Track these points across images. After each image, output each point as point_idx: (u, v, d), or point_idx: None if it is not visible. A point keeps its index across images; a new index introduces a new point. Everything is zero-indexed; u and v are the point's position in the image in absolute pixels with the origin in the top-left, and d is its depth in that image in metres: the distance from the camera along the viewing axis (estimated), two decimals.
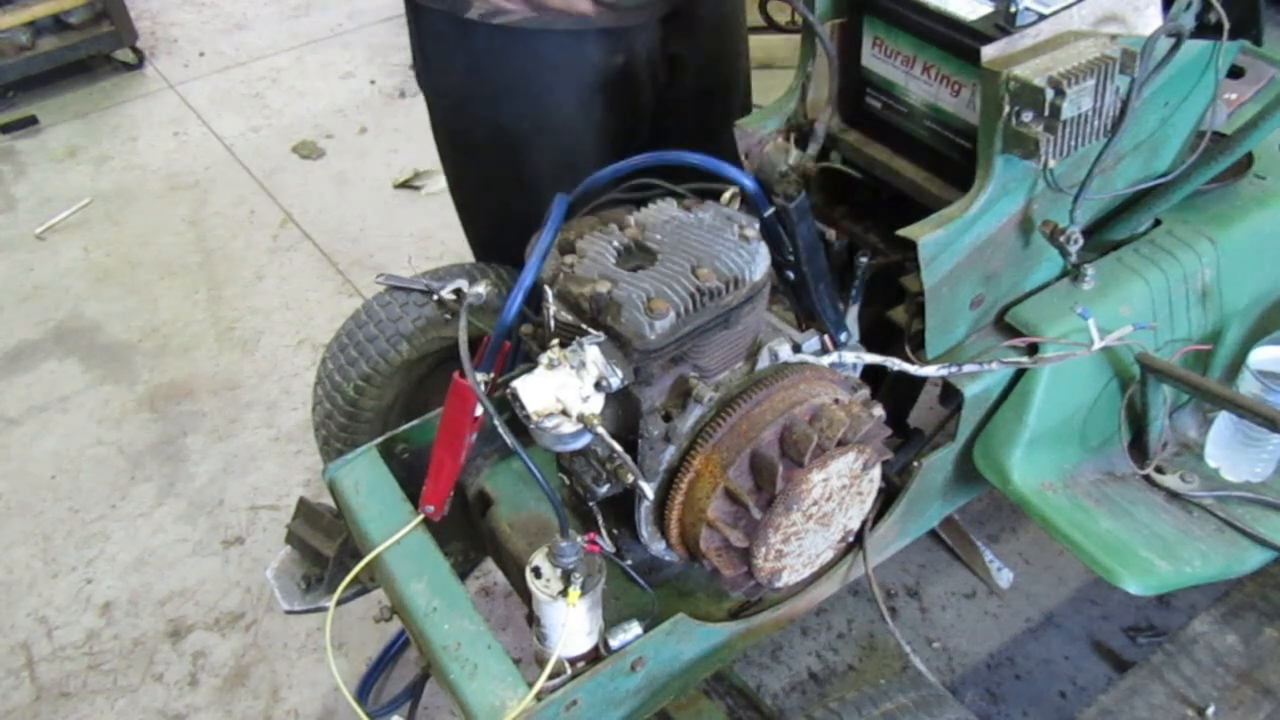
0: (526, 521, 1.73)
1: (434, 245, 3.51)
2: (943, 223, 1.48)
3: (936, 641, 2.26)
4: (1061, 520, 1.65)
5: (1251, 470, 1.76)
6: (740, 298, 1.36)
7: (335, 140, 4.10)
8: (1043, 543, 2.41)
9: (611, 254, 1.39)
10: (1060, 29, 1.43)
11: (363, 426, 1.96)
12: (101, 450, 2.87)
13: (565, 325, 1.36)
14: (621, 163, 1.47)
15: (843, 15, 1.65)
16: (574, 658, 1.43)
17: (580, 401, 1.28)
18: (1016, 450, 1.68)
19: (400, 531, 1.58)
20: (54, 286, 3.49)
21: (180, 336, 3.24)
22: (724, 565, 1.49)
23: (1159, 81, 1.51)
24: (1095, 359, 1.68)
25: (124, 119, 4.36)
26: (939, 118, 1.58)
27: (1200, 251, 1.76)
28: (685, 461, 1.44)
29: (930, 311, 1.60)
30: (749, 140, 1.72)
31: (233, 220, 3.73)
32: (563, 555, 1.35)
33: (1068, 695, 2.14)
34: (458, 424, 1.53)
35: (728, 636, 1.60)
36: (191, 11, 5.16)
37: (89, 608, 2.47)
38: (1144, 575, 1.60)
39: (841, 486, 1.48)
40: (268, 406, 2.96)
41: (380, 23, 4.91)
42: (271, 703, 2.26)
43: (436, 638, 1.46)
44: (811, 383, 1.48)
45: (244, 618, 2.42)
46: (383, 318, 1.93)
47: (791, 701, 2.17)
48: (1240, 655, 1.79)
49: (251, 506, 2.68)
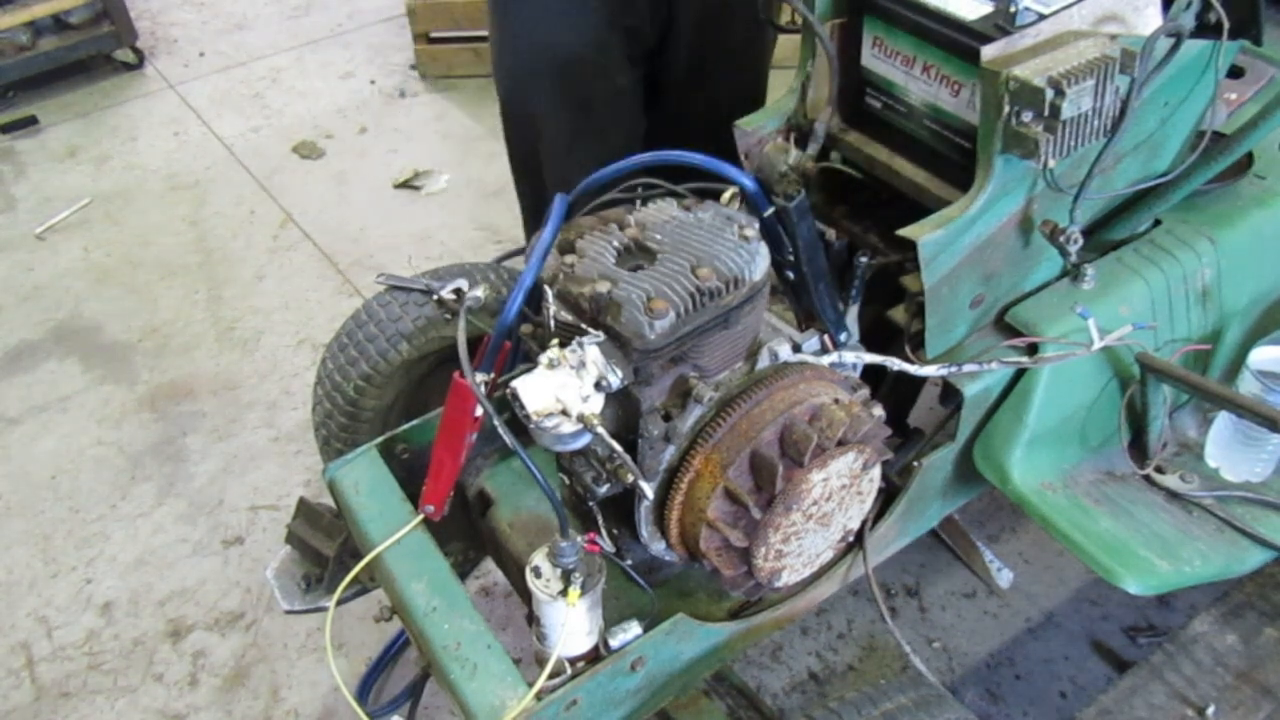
0: (526, 521, 1.73)
1: (434, 245, 3.51)
2: (943, 223, 1.48)
3: (936, 641, 2.26)
4: (1061, 520, 1.66)
5: (1251, 470, 1.76)
6: (740, 298, 1.36)
7: (335, 140, 4.10)
8: (1043, 543, 2.41)
9: (611, 254, 1.39)
10: (1060, 29, 1.43)
11: (363, 426, 1.96)
12: (101, 450, 2.87)
13: (565, 325, 1.36)
14: (621, 162, 1.47)
15: (843, 15, 1.65)
16: (574, 657, 1.43)
17: (580, 401, 1.28)
18: (1016, 450, 1.68)
19: (400, 531, 1.58)
20: (54, 286, 3.49)
21: (180, 336, 3.24)
22: (724, 565, 1.49)
23: (1159, 81, 1.51)
24: (1095, 359, 1.68)
25: (124, 119, 4.36)
26: (939, 118, 1.58)
27: (1200, 251, 1.76)
28: (685, 461, 1.44)
29: (930, 311, 1.60)
30: (749, 140, 1.72)
31: (233, 220, 3.73)
32: (563, 555, 1.35)
33: (1068, 695, 2.14)
34: (458, 424, 1.53)
35: (728, 636, 1.60)
36: (191, 11, 5.16)
37: (89, 608, 2.47)
38: (1144, 575, 1.60)
39: (841, 486, 1.48)
40: (268, 406, 2.96)
41: (380, 23, 4.91)
42: (271, 703, 2.26)
43: (436, 638, 1.47)
44: (811, 383, 1.48)
45: (244, 618, 2.42)
46: (383, 318, 1.93)
47: (791, 701, 2.17)
48: (1240, 655, 1.79)
49: (251, 506, 2.68)
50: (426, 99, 4.31)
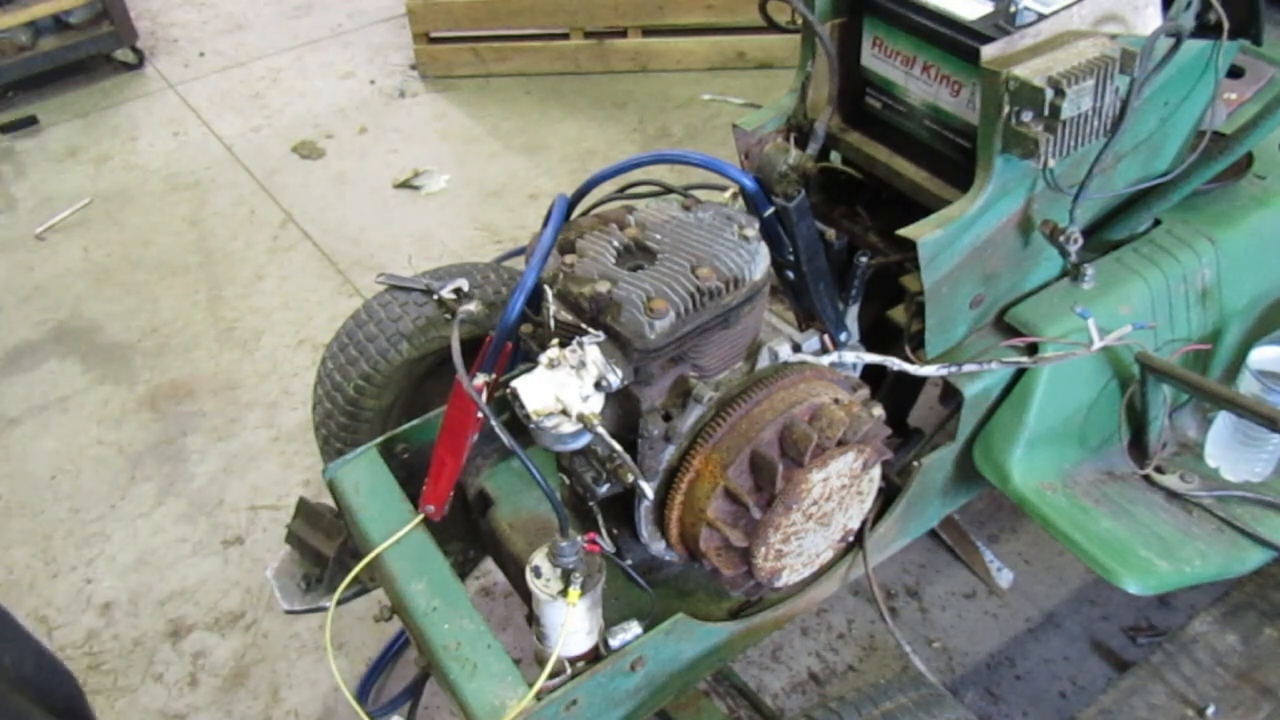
0: (526, 521, 1.73)
1: (434, 245, 3.51)
2: (943, 223, 1.48)
3: (936, 641, 2.26)
4: (1061, 520, 1.66)
5: (1251, 470, 1.76)
6: (740, 297, 1.36)
7: (335, 140, 4.10)
8: (1043, 543, 2.40)
9: (611, 254, 1.39)
10: (1060, 29, 1.43)
11: (363, 426, 1.96)
12: (101, 450, 2.87)
13: (565, 325, 1.36)
14: (622, 162, 1.47)
15: (843, 15, 1.65)
16: (574, 657, 1.43)
17: (580, 401, 1.28)
18: (1016, 450, 1.68)
19: (400, 531, 1.58)
20: (54, 286, 3.49)
21: (180, 336, 3.24)
22: (724, 565, 1.49)
23: (1159, 81, 1.51)
24: (1095, 359, 1.68)
25: (124, 119, 4.36)
26: (939, 118, 1.58)
27: (1200, 251, 1.76)
28: (685, 461, 1.44)
29: (930, 311, 1.60)
30: (749, 140, 1.72)
31: (233, 220, 3.73)
32: (563, 555, 1.35)
33: (1068, 695, 2.14)
34: (460, 425, 1.53)
35: (728, 636, 1.60)
36: (191, 11, 5.16)
37: (89, 608, 2.47)
38: (1143, 575, 1.60)
39: (841, 486, 1.48)
40: (268, 406, 2.96)
41: (380, 23, 4.91)
42: (271, 703, 2.26)
43: (436, 637, 1.47)
44: (811, 382, 1.48)
45: (244, 618, 2.42)
46: (383, 318, 1.93)
47: (791, 701, 2.17)
48: (1240, 655, 1.79)
49: (251, 506, 2.68)
50: (426, 99, 4.31)
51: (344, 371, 1.94)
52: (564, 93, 4.26)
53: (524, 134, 4.03)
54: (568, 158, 3.88)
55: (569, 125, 4.06)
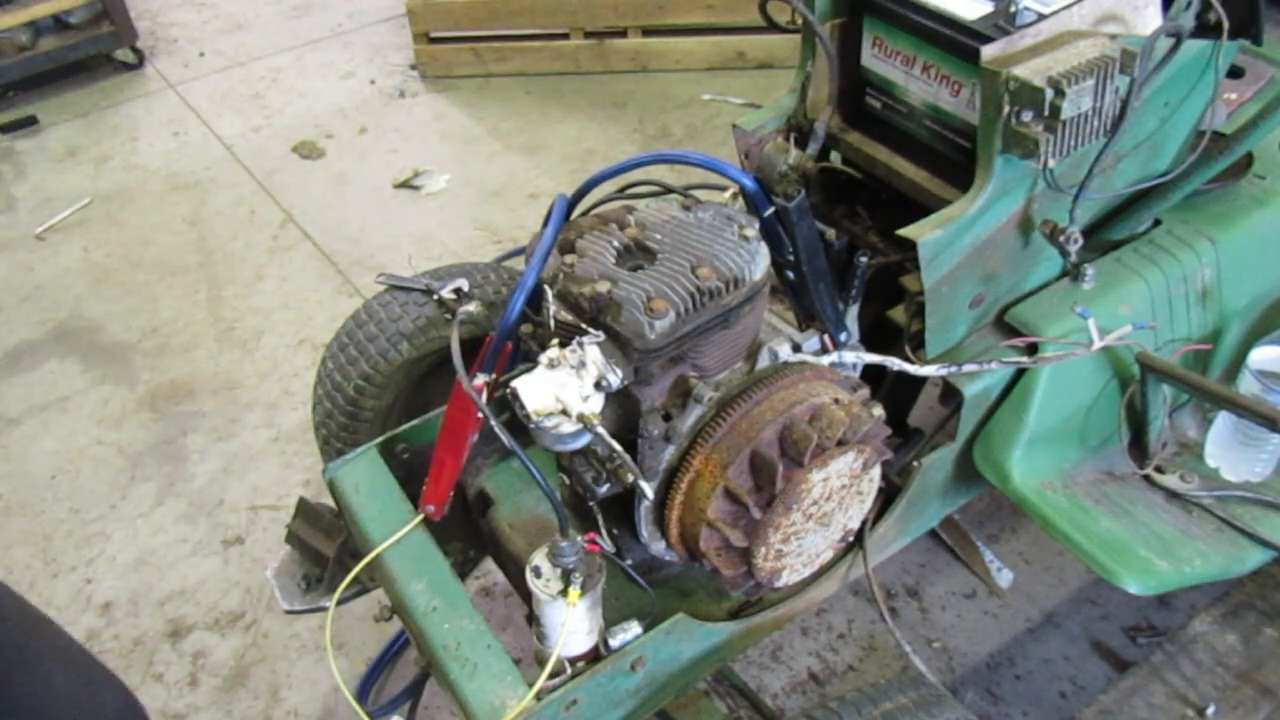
0: (526, 521, 1.73)
1: (434, 245, 3.51)
2: (943, 223, 1.48)
3: (936, 641, 2.26)
4: (1061, 520, 1.66)
5: (1251, 470, 1.76)
6: (740, 297, 1.36)
7: (335, 140, 4.10)
8: (1043, 543, 2.40)
9: (611, 254, 1.39)
10: (1060, 29, 1.43)
11: (363, 426, 1.96)
12: (101, 450, 2.87)
13: (565, 325, 1.36)
14: (621, 162, 1.47)
15: (843, 15, 1.65)
16: (574, 657, 1.43)
17: (580, 401, 1.28)
18: (1016, 450, 1.68)
19: (400, 531, 1.58)
20: (54, 286, 3.49)
21: (180, 336, 3.24)
22: (724, 565, 1.49)
23: (1159, 81, 1.51)
24: (1095, 359, 1.68)
25: (124, 119, 4.36)
26: (939, 117, 1.58)
27: (1200, 251, 1.76)
28: (685, 461, 1.44)
29: (930, 311, 1.60)
30: (749, 140, 1.72)
31: (233, 220, 3.73)
32: (563, 555, 1.35)
33: (1068, 695, 2.14)
34: (461, 425, 1.53)
35: (727, 636, 1.60)
36: (191, 11, 5.16)
37: (89, 608, 2.47)
38: (1143, 575, 1.60)
39: (841, 486, 1.48)
40: (268, 406, 2.96)
41: (380, 23, 4.91)
42: (271, 703, 2.26)
43: (436, 637, 1.47)
44: (811, 382, 1.48)
45: (244, 618, 2.42)
46: (383, 317, 1.93)
47: (791, 701, 2.17)
48: (1240, 655, 1.79)
49: (251, 506, 2.68)
50: (426, 99, 4.31)
51: (344, 371, 1.94)
52: (564, 93, 4.26)
53: (524, 134, 4.03)
54: (568, 158, 3.88)
55: (569, 125, 4.06)
